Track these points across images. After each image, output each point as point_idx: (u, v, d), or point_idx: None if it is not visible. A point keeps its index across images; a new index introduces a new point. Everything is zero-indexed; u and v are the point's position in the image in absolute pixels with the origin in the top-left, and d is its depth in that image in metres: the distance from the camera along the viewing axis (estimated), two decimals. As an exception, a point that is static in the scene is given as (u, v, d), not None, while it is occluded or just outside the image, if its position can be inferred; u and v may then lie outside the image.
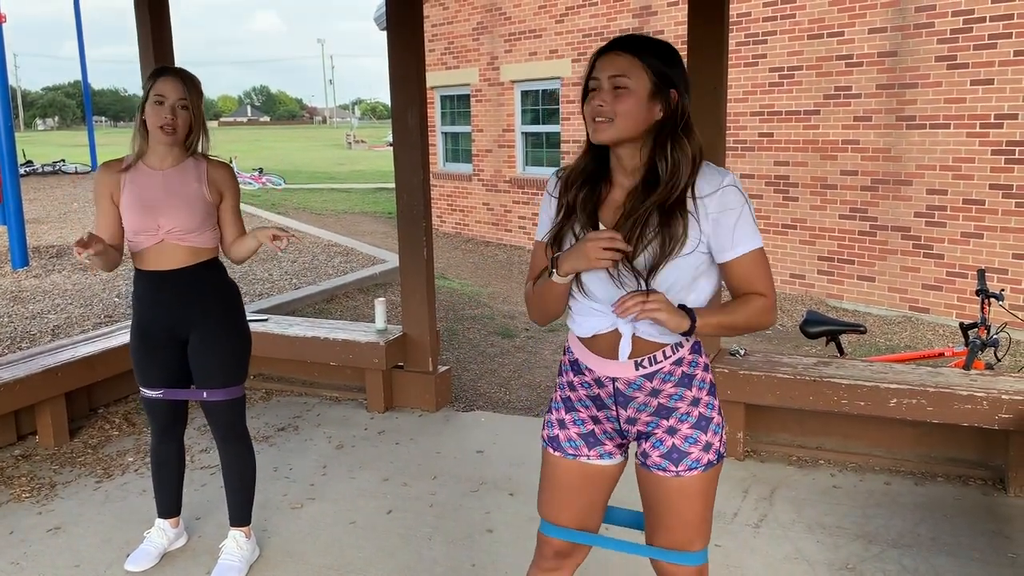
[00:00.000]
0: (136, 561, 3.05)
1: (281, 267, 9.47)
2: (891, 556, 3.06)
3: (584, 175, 1.90)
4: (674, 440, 1.88)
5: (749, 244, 1.82)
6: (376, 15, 12.79)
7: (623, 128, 1.78)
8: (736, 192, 1.80)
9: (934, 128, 7.22)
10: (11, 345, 6.20)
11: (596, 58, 1.82)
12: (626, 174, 1.86)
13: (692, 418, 1.89)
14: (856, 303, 7.97)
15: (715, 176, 1.81)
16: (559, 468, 2.01)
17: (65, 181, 21.56)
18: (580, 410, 1.99)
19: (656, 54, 1.80)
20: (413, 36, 4.45)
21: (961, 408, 3.47)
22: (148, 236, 2.79)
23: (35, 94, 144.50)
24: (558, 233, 1.90)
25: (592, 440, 1.98)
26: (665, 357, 1.87)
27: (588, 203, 1.87)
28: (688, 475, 1.88)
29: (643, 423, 1.92)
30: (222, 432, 2.98)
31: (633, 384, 1.89)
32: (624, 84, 1.77)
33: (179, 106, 2.74)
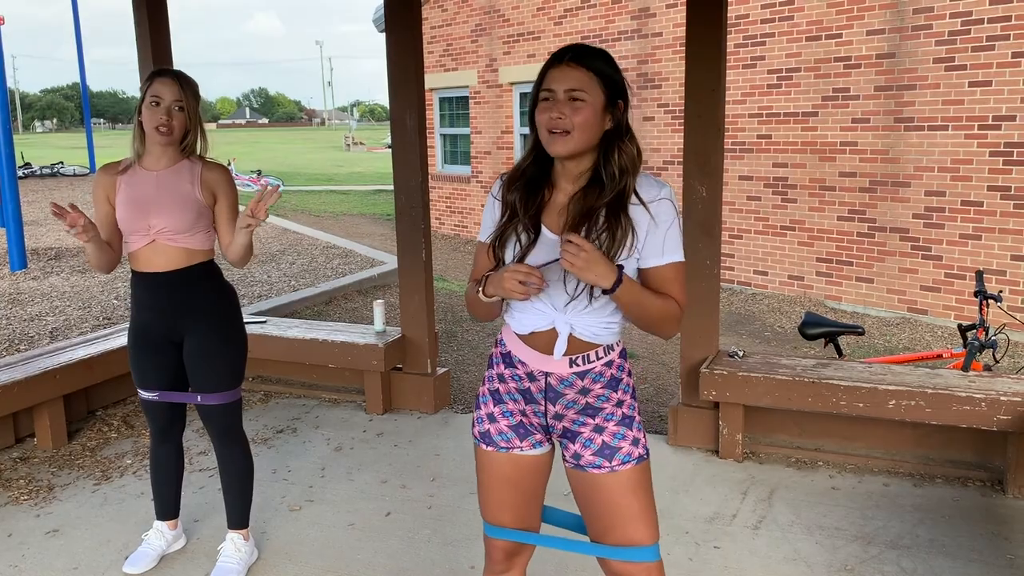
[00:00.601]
0: (134, 563, 3.04)
1: (280, 269, 9.47)
2: (890, 557, 3.06)
3: (526, 178, 1.95)
4: (603, 437, 1.94)
5: (675, 255, 1.90)
6: (375, 17, 12.79)
7: (580, 140, 1.84)
8: (672, 205, 1.89)
9: (932, 130, 7.23)
10: (9, 347, 6.20)
11: (548, 68, 1.87)
12: (569, 180, 1.93)
13: (617, 416, 1.95)
14: (855, 304, 7.98)
15: (654, 186, 1.90)
16: (494, 463, 2.04)
17: (63, 183, 21.55)
18: (508, 402, 2.02)
19: (607, 66, 1.87)
20: (412, 38, 4.45)
21: (960, 409, 3.47)
22: (140, 236, 2.80)
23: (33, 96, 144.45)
24: (501, 235, 1.96)
25: (523, 431, 2.02)
26: (598, 358, 1.94)
27: (531, 206, 1.93)
28: (622, 468, 1.93)
29: (569, 420, 1.97)
30: (218, 435, 2.97)
31: (565, 381, 1.94)
32: (582, 97, 1.83)
33: (175, 107, 2.74)
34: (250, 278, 8.91)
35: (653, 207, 1.86)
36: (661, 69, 9.41)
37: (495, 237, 1.97)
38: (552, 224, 1.91)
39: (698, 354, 4.03)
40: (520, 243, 1.92)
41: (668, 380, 5.55)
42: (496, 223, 1.99)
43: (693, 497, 3.57)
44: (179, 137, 2.79)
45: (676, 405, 4.14)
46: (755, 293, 8.71)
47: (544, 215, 1.93)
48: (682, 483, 3.71)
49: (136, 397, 4.83)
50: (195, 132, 2.83)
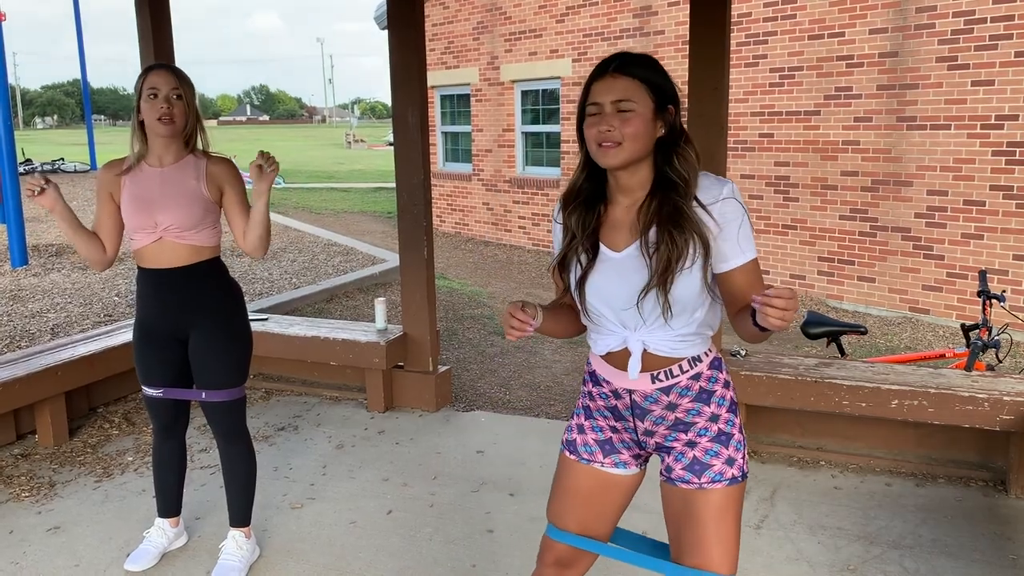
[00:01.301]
0: (136, 561, 3.04)
1: (281, 266, 9.47)
2: (892, 557, 3.05)
3: (581, 197, 1.91)
4: (695, 452, 1.88)
5: (751, 252, 1.84)
6: (376, 14, 12.78)
7: (632, 150, 1.79)
8: (737, 203, 1.82)
9: (935, 129, 7.22)
10: (10, 344, 6.19)
11: (593, 81, 1.82)
12: (625, 193, 1.87)
13: (711, 432, 1.88)
14: (856, 304, 7.97)
15: (715, 186, 1.83)
16: (572, 472, 2.01)
17: (64, 180, 21.53)
18: (599, 419, 2.00)
19: (653, 72, 1.82)
20: (414, 35, 4.44)
21: (962, 409, 3.47)
22: (146, 234, 2.78)
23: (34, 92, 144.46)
24: (563, 259, 1.94)
25: (608, 447, 1.98)
26: (682, 371, 1.87)
27: (587, 226, 1.89)
28: (712, 488, 1.85)
29: (661, 436, 1.92)
30: (222, 433, 2.97)
31: (649, 397, 1.89)
32: (630, 108, 1.78)
33: (173, 96, 2.72)
34: (251, 275, 8.90)
35: (717, 209, 1.80)
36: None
37: (558, 261, 1.95)
38: (610, 241, 1.87)
39: (700, 353, 4.02)
40: (580, 265, 1.89)
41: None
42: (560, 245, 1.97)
43: (695, 496, 3.57)
44: (181, 127, 2.76)
45: (678, 404, 4.13)
46: (756, 292, 8.69)
47: (602, 233, 1.89)
48: (684, 482, 3.70)
49: (137, 394, 4.83)
50: (195, 124, 2.82)
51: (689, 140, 1.85)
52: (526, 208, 11.64)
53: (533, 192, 11.49)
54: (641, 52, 1.85)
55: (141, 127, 2.78)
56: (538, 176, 11.48)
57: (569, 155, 10.92)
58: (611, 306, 1.86)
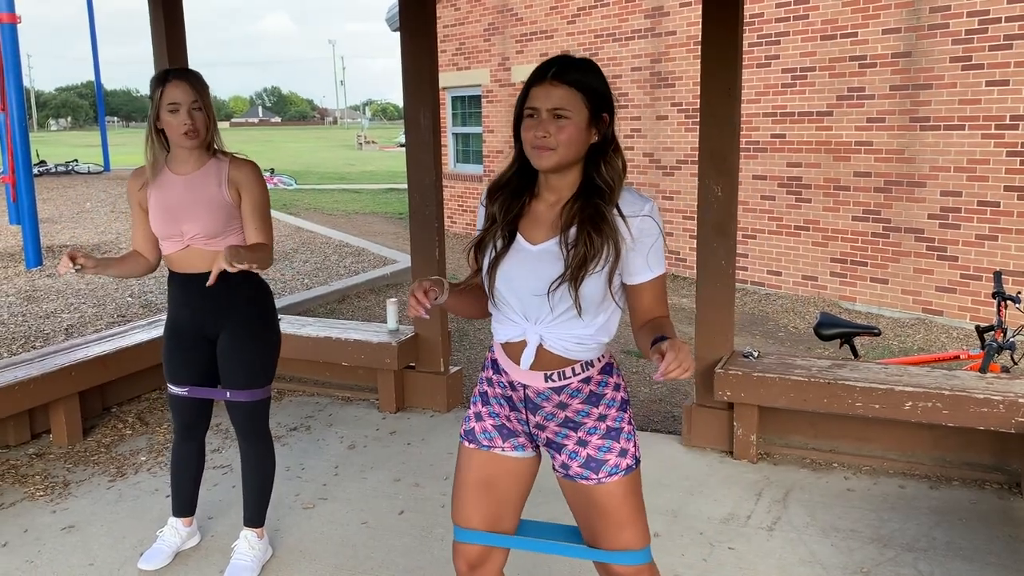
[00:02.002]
0: (149, 560, 3.05)
1: (293, 267, 9.50)
2: (906, 560, 3.04)
3: (509, 187, 1.97)
4: (588, 451, 1.95)
5: (659, 269, 1.91)
6: (388, 16, 12.81)
7: (564, 155, 1.84)
8: (654, 222, 1.88)
9: (948, 129, 7.18)
10: (25, 344, 6.24)
11: (531, 85, 1.85)
12: (551, 191, 1.93)
13: (600, 430, 1.95)
14: (869, 305, 7.93)
15: (637, 201, 1.89)
16: (473, 461, 2.05)
17: (78, 181, 21.67)
18: (495, 405, 2.05)
19: (592, 81, 1.85)
20: (426, 37, 4.45)
21: (977, 411, 3.45)
22: (173, 242, 2.82)
23: (48, 94, 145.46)
24: (480, 241, 1.99)
25: (506, 432, 2.03)
26: (574, 374, 1.94)
27: (509, 214, 1.94)
28: (609, 480, 1.93)
29: (551, 431, 1.98)
30: (244, 433, 2.98)
31: (542, 394, 1.96)
32: (566, 115, 1.82)
33: (194, 108, 2.72)
34: (264, 276, 8.93)
35: (635, 223, 1.86)
36: (675, 68, 9.38)
37: (474, 243, 2.01)
38: (528, 233, 1.93)
39: (712, 354, 4.02)
40: (495, 249, 1.94)
41: (681, 380, 5.54)
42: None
43: (707, 498, 3.56)
44: (204, 138, 2.77)
45: (690, 405, 4.12)
46: (768, 293, 8.67)
47: (521, 223, 1.94)
48: (696, 484, 3.70)
49: (150, 394, 4.87)
50: (213, 128, 2.83)
51: (618, 149, 1.91)
52: (537, 209, 11.62)
53: (544, 193, 11.47)
54: (583, 57, 1.88)
55: (159, 135, 2.78)
56: (549, 177, 11.47)
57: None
58: (517, 295, 1.91)
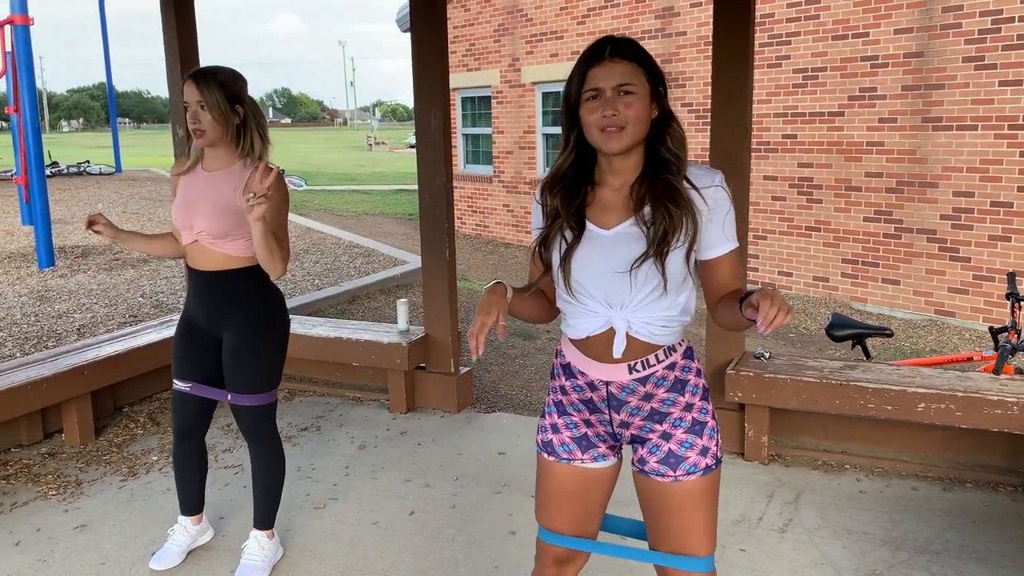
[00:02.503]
0: (160, 560, 3.06)
1: (303, 268, 9.52)
2: (919, 563, 3.02)
3: (566, 180, 1.91)
4: (670, 445, 1.89)
5: (735, 242, 1.87)
6: (399, 16, 12.83)
7: (635, 134, 1.81)
8: (725, 193, 1.85)
9: (961, 130, 7.14)
10: (37, 344, 6.27)
11: (589, 67, 1.81)
12: (616, 175, 1.88)
13: (686, 423, 1.89)
14: (880, 306, 7.89)
15: (707, 173, 1.85)
16: (554, 473, 2.01)
17: (90, 182, 21.78)
18: (572, 414, 1.98)
19: (645, 55, 1.83)
20: (437, 37, 4.45)
21: (991, 413, 3.42)
22: (187, 233, 2.84)
23: (60, 96, 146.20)
24: (546, 237, 1.93)
25: (585, 443, 1.98)
26: (658, 361, 1.88)
27: (572, 204, 1.89)
28: (687, 479, 1.88)
29: (636, 427, 1.93)
30: (250, 437, 2.99)
31: (626, 388, 1.89)
32: (631, 90, 1.78)
33: (198, 107, 2.71)
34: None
35: (709, 194, 1.82)
36: (685, 68, 9.36)
37: (539, 241, 1.93)
38: (598, 220, 1.86)
39: (723, 355, 4.00)
40: (566, 240, 1.87)
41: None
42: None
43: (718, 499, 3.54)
44: (216, 136, 2.74)
45: (701, 406, 4.10)
46: (779, 294, 8.63)
47: (588, 212, 1.88)
48: (707, 485, 3.68)
49: (162, 394, 4.88)
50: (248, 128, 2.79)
51: (676, 119, 1.87)
52: (547, 210, 11.61)
53: (554, 194, 11.46)
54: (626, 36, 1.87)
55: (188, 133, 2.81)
56: (559, 178, 11.45)
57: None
58: (598, 282, 1.85)
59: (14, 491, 3.73)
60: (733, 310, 1.76)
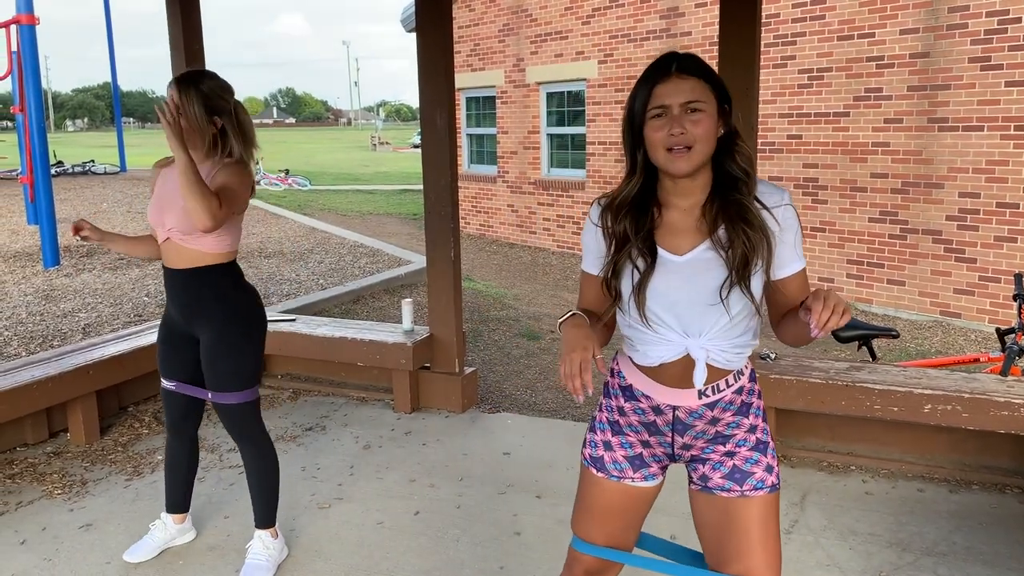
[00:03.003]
0: (134, 553, 3.09)
1: (308, 268, 9.53)
2: (926, 564, 3.01)
3: (631, 203, 1.83)
4: (734, 461, 1.86)
5: (803, 261, 1.84)
6: (403, 16, 12.83)
7: (703, 153, 1.75)
8: (794, 212, 1.82)
9: (967, 130, 7.12)
10: (43, 343, 6.28)
11: (655, 84, 1.75)
12: (683, 196, 1.81)
13: (750, 443, 1.87)
14: (886, 307, 7.88)
15: (775, 191, 1.81)
16: (601, 489, 1.97)
17: (95, 181, 21.83)
18: (629, 434, 1.94)
19: (710, 71, 1.78)
20: (442, 37, 4.45)
21: (998, 415, 3.41)
22: (160, 232, 2.86)
23: (65, 96, 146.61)
24: (615, 265, 1.84)
25: (639, 463, 1.94)
26: (728, 385, 1.85)
27: (641, 229, 1.81)
28: (754, 495, 1.83)
29: (698, 448, 1.90)
30: (235, 435, 3.00)
31: (694, 413, 1.86)
32: (701, 108, 1.73)
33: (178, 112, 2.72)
34: (279, 276, 8.97)
35: (779, 213, 1.78)
36: (690, 69, 9.34)
37: (607, 269, 1.85)
38: (668, 245, 1.80)
39: (729, 356, 3.99)
40: (638, 269, 1.80)
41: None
42: (602, 253, 1.88)
43: (724, 500, 3.54)
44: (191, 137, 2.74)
45: (706, 407, 4.10)
46: (784, 295, 8.62)
47: (658, 236, 1.81)
48: (712, 486, 3.68)
49: (167, 394, 4.88)
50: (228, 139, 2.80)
51: (740, 136, 1.82)
52: (551, 210, 11.63)
53: (558, 194, 11.47)
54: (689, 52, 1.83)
55: None
56: (563, 178, 11.47)
57: (594, 156, 10.89)
58: (674, 311, 1.79)
59: (19, 490, 3.73)
60: (796, 322, 1.73)
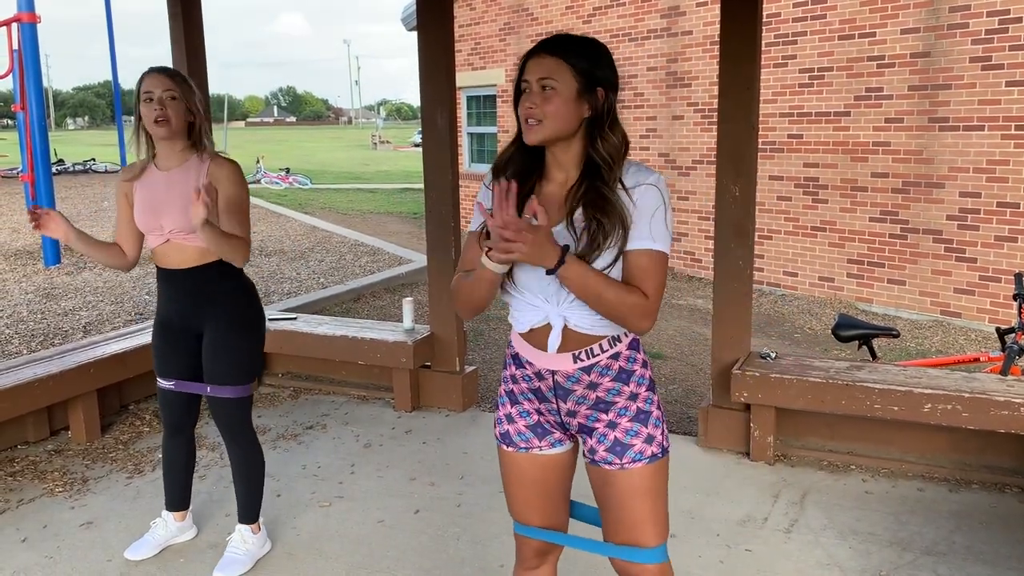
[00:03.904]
0: (135, 550, 3.11)
1: (309, 266, 9.53)
2: (925, 564, 3.01)
3: (515, 166, 1.92)
4: (615, 433, 1.92)
5: (652, 243, 1.82)
6: (404, 15, 12.84)
7: (552, 128, 1.82)
8: (657, 192, 1.83)
9: (968, 130, 7.12)
10: (44, 341, 6.28)
11: (526, 60, 1.86)
12: (560, 168, 1.90)
13: (630, 412, 1.92)
14: (886, 307, 7.88)
15: (642, 173, 1.86)
16: (515, 463, 2.04)
17: (95, 180, 21.84)
18: (524, 402, 2.01)
19: (582, 54, 1.83)
20: (443, 36, 4.45)
21: (998, 414, 3.41)
22: (155, 236, 2.86)
23: (66, 94, 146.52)
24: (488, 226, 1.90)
25: (540, 431, 2.01)
26: (602, 350, 1.90)
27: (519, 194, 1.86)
28: (632, 467, 1.91)
29: (583, 416, 1.95)
30: (226, 431, 3.01)
31: (571, 377, 1.91)
32: (551, 86, 1.81)
33: (167, 97, 2.73)
34: (280, 275, 8.97)
35: (636, 192, 1.82)
36: (691, 68, 9.35)
37: (482, 226, 1.89)
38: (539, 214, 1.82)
39: (729, 355, 4.00)
40: None
41: (697, 381, 5.51)
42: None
43: (724, 499, 3.54)
44: (180, 128, 2.78)
45: (706, 406, 4.11)
46: (785, 295, 8.63)
47: None
48: (712, 485, 3.68)
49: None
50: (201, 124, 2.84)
51: (616, 124, 1.86)
52: (552, 209, 11.61)
53: (559, 193, 11.46)
54: (584, 36, 1.88)
55: (143, 131, 2.82)
56: (564, 177, 11.45)
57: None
58: (537, 278, 1.85)
59: (21, 488, 3.74)
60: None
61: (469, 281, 1.91)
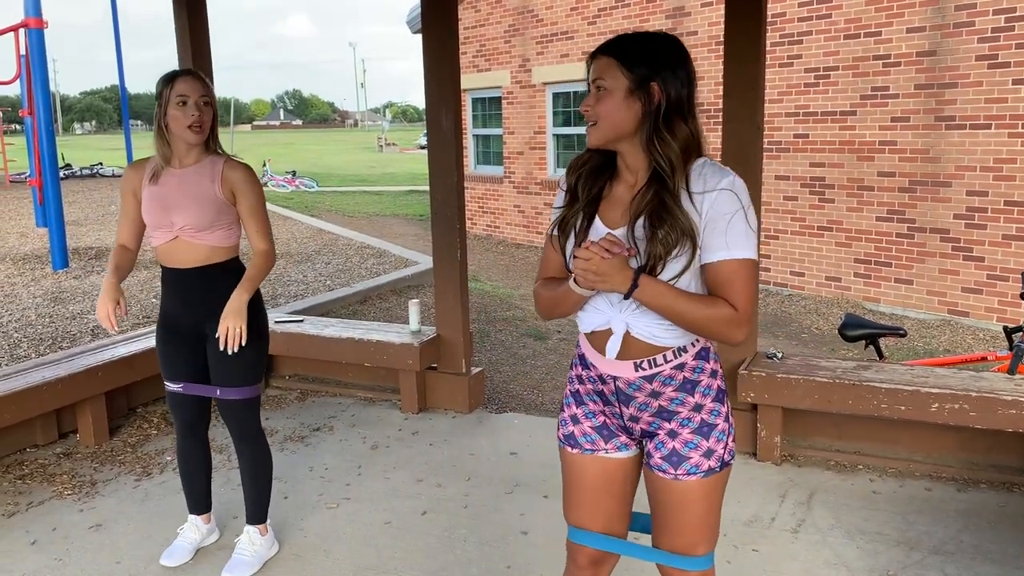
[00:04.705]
0: (171, 556, 3.10)
1: (315, 269, 9.55)
2: (933, 563, 3.00)
3: (589, 166, 1.89)
4: (675, 444, 1.88)
5: (734, 252, 1.73)
6: (409, 17, 12.86)
7: (607, 129, 1.78)
8: (731, 196, 1.72)
9: (974, 128, 7.10)
10: (52, 345, 6.31)
11: (589, 63, 1.83)
12: (630, 172, 1.84)
13: (693, 423, 1.87)
14: (893, 306, 7.86)
15: (714, 176, 1.75)
16: (579, 466, 1.99)
17: (103, 184, 21.92)
18: (589, 403, 1.98)
19: (634, 49, 1.76)
20: (448, 38, 4.46)
21: (1006, 413, 3.40)
22: (164, 232, 2.86)
23: (73, 98, 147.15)
24: (562, 220, 1.90)
25: (607, 433, 1.97)
26: (665, 361, 1.84)
27: (590, 194, 1.87)
28: (687, 479, 1.87)
29: (645, 422, 1.91)
30: (236, 432, 3.02)
31: (633, 384, 1.88)
32: (603, 85, 1.78)
33: (202, 103, 2.79)
34: (286, 278, 8.99)
35: (706, 200, 1.72)
36: (696, 68, 9.30)
37: (556, 223, 1.89)
38: (608, 217, 1.84)
39: (736, 356, 3.99)
40: (575, 232, 1.86)
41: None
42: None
43: (731, 499, 3.53)
44: (207, 133, 2.85)
45: (713, 407, 4.09)
46: (791, 294, 8.61)
47: (602, 205, 1.86)
48: (719, 485, 3.67)
49: (176, 394, 4.91)
50: (216, 128, 2.91)
51: (675, 123, 1.75)
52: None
53: (565, 194, 11.46)
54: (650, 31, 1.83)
55: (165, 130, 2.83)
56: (570, 178, 11.45)
57: (601, 157, 10.87)
58: None
59: (30, 491, 3.76)
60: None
61: (554, 294, 1.89)
